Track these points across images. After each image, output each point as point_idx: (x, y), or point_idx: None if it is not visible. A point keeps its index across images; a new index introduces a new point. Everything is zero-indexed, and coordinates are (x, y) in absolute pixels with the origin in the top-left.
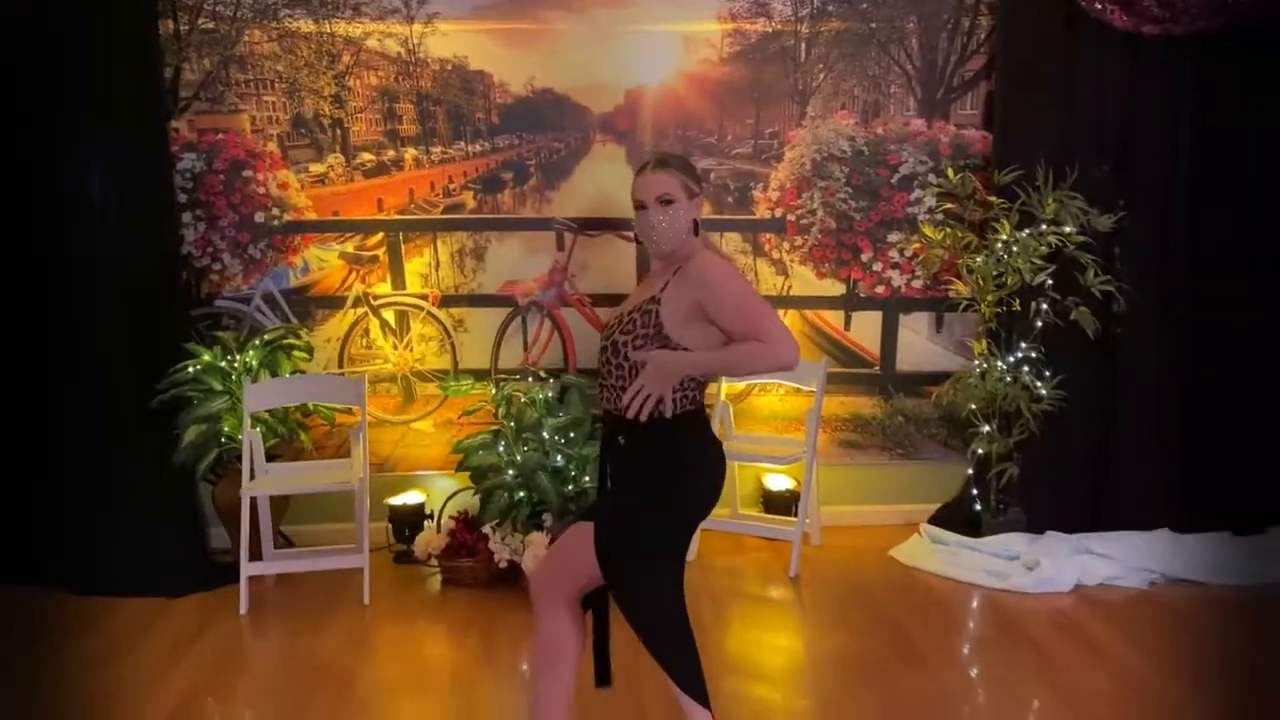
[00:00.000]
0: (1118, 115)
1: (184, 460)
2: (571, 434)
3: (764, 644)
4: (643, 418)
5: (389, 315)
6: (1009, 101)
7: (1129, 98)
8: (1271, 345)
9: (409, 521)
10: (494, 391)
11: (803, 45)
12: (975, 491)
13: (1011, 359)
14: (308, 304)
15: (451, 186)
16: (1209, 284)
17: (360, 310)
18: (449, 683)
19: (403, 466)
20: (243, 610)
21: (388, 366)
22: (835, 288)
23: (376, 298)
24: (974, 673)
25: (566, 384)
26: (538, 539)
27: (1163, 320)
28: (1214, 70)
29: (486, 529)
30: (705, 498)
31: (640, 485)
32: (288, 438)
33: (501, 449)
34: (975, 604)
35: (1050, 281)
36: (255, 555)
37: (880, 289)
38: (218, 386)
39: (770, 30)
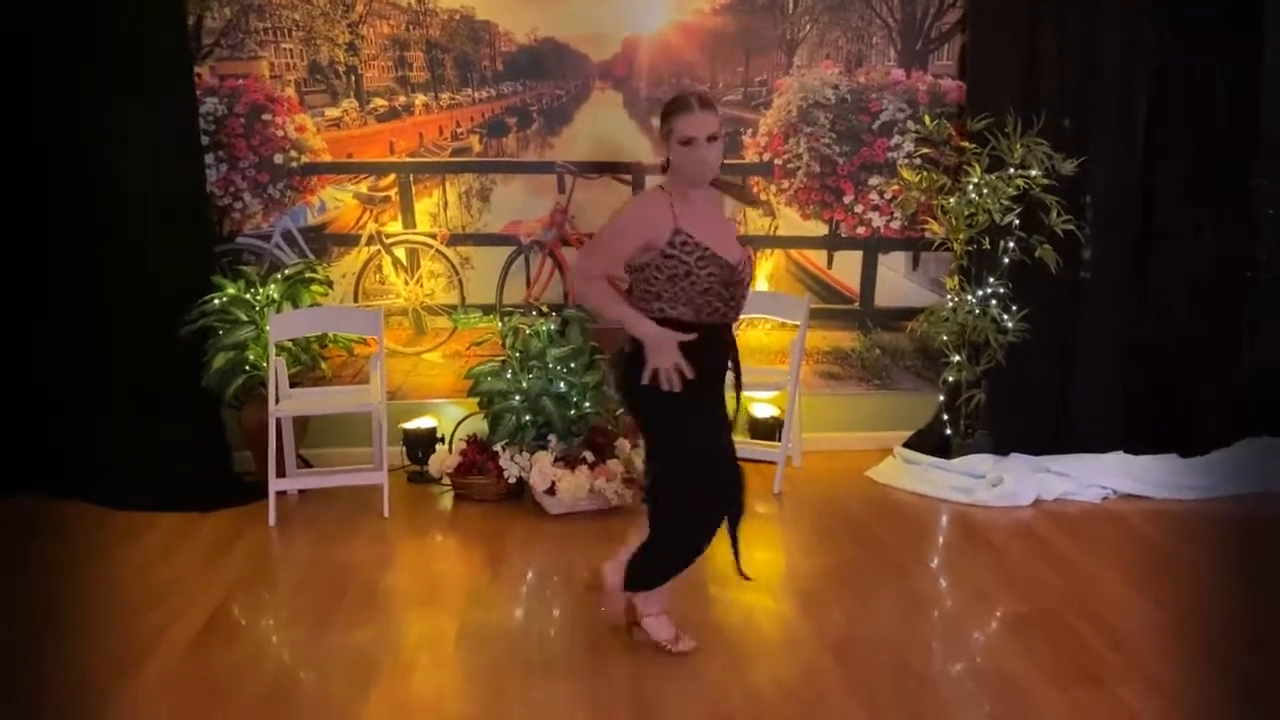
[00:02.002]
0: (1079, 65)
1: (212, 385)
2: (573, 363)
3: (752, 557)
4: (677, 387)
5: (400, 253)
6: (981, 53)
7: (1091, 48)
8: (1216, 287)
9: (422, 444)
10: (500, 324)
11: None
12: (946, 417)
13: (981, 294)
14: (324, 241)
15: (459, 131)
16: (1163, 225)
17: (373, 248)
18: (464, 588)
19: (414, 395)
20: (271, 522)
21: (399, 301)
22: (819, 228)
23: (389, 236)
24: (942, 576)
25: (567, 318)
26: (543, 457)
27: (1120, 259)
28: (1170, 20)
29: (497, 448)
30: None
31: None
32: (309, 364)
33: (509, 376)
34: (944, 518)
35: (1017, 222)
36: (280, 474)
37: (861, 229)
38: (243, 317)
39: None
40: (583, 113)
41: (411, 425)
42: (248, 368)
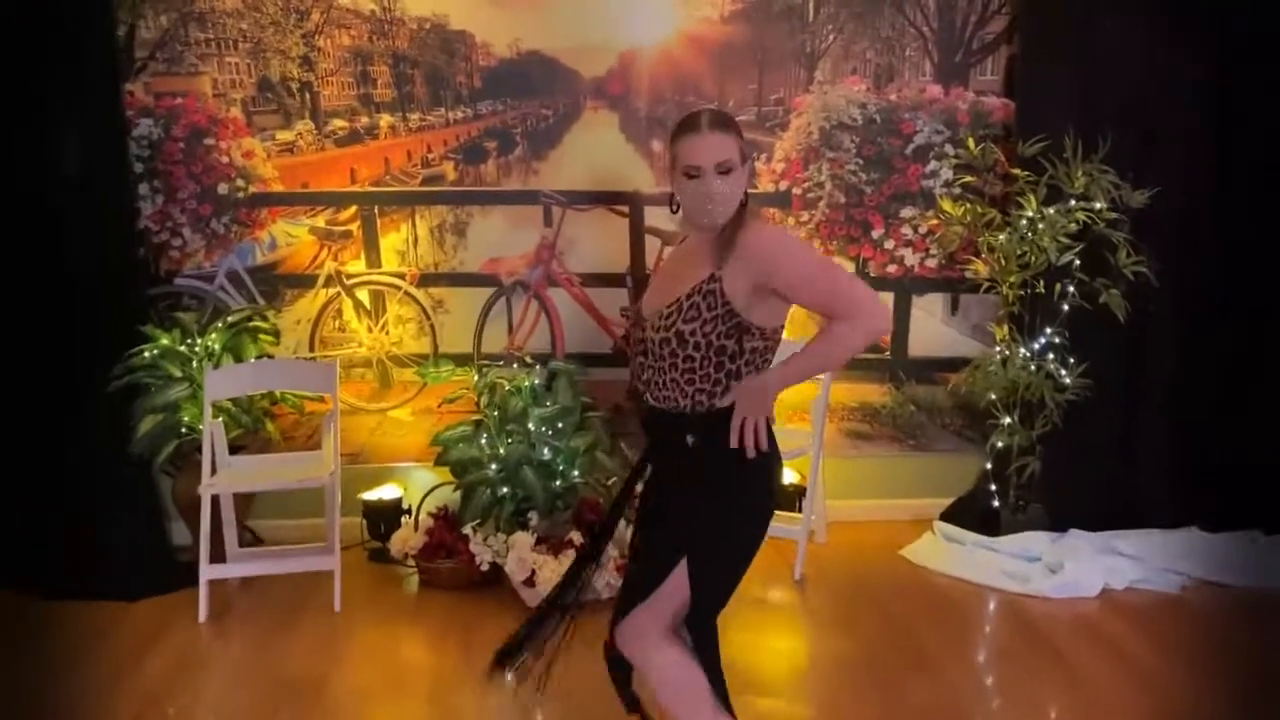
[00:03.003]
0: (1149, 80)
1: (140, 452)
2: (560, 424)
3: (766, 649)
4: (762, 447)
5: (363, 295)
6: (1031, 66)
7: (1162, 61)
8: None
9: (385, 518)
10: (476, 378)
11: (811, 3)
12: (993, 487)
13: (1036, 345)
14: (275, 283)
15: (430, 156)
16: (1244, 266)
17: (332, 290)
18: (426, 693)
19: (378, 458)
20: (202, 617)
21: (362, 350)
22: (845, 266)
23: (350, 276)
24: (990, 682)
25: (554, 370)
26: (522, 540)
27: (1193, 304)
28: (1260, 29)
29: (467, 529)
30: (779, 486)
31: (722, 482)
32: (252, 428)
33: (484, 441)
34: (992, 608)
35: (1078, 262)
36: (217, 555)
37: (892, 268)
38: (176, 373)
39: None
40: (573, 135)
41: (373, 495)
42: (183, 430)
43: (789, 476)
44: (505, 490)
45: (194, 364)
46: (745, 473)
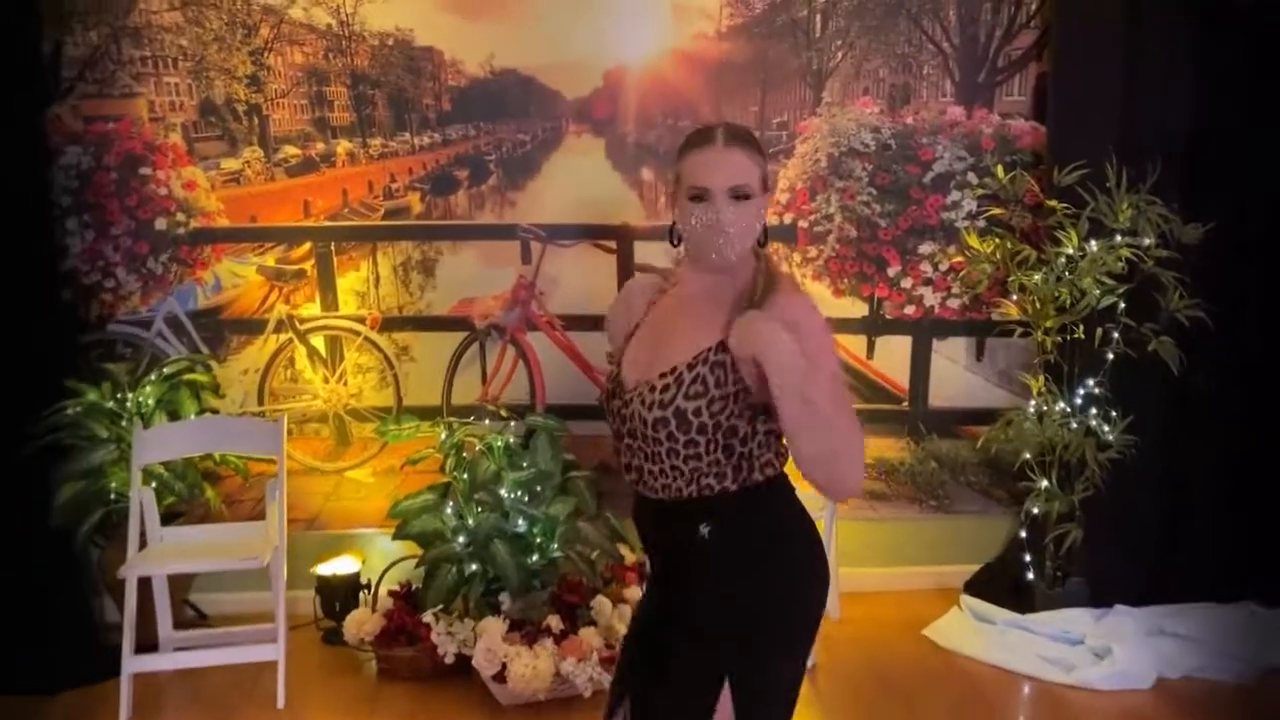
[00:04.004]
0: (1201, 100)
1: (61, 523)
2: (538, 488)
3: None
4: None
5: (318, 342)
6: (1066, 84)
7: (1217, 78)
8: None
9: (340, 594)
10: (443, 436)
11: (818, 16)
12: (1027, 558)
13: (1078, 399)
14: (220, 329)
15: (394, 186)
16: None
17: (284, 336)
18: None
19: (336, 524)
20: (124, 717)
21: (317, 404)
22: (856, 307)
23: (303, 321)
24: None
25: (533, 426)
26: (492, 627)
27: (1253, 353)
28: None
29: (428, 617)
30: (825, 582)
31: (752, 575)
32: (186, 496)
33: (450, 510)
34: (1031, 700)
35: (1123, 305)
36: (148, 638)
37: (910, 309)
38: (102, 433)
39: None
40: (553, 163)
41: (327, 569)
42: (112, 496)
43: None
44: (474, 567)
45: (124, 422)
46: (781, 552)
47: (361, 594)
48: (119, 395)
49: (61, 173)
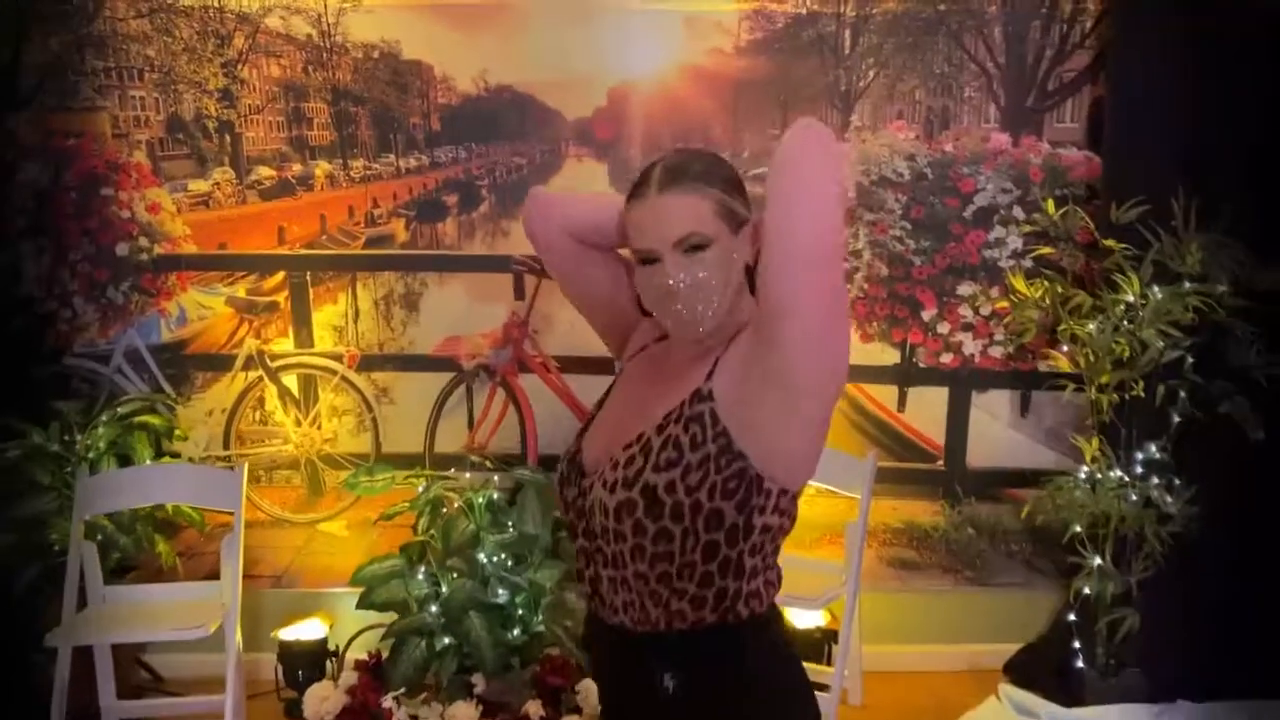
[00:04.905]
0: (1277, 129)
1: None
2: (522, 553)
3: None
4: None
5: (291, 381)
6: (1126, 110)
7: None
8: None
9: (304, 662)
10: (419, 491)
11: (847, 32)
12: (1077, 644)
13: (1137, 466)
14: (184, 364)
15: (377, 213)
16: None
17: (253, 374)
18: None
19: (305, 581)
20: None
21: (288, 449)
22: (886, 354)
23: (275, 357)
24: None
25: (521, 481)
26: (464, 712)
27: None
28: None
29: (388, 701)
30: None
31: None
32: (132, 552)
33: (420, 577)
34: None
35: (1190, 360)
36: (89, 707)
37: (947, 357)
38: (43, 479)
39: (804, 11)
40: (552, 188)
41: (291, 634)
42: (55, 549)
43: (816, 619)
44: (447, 640)
45: (71, 466)
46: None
47: (328, 662)
48: (66, 437)
49: (17, 191)
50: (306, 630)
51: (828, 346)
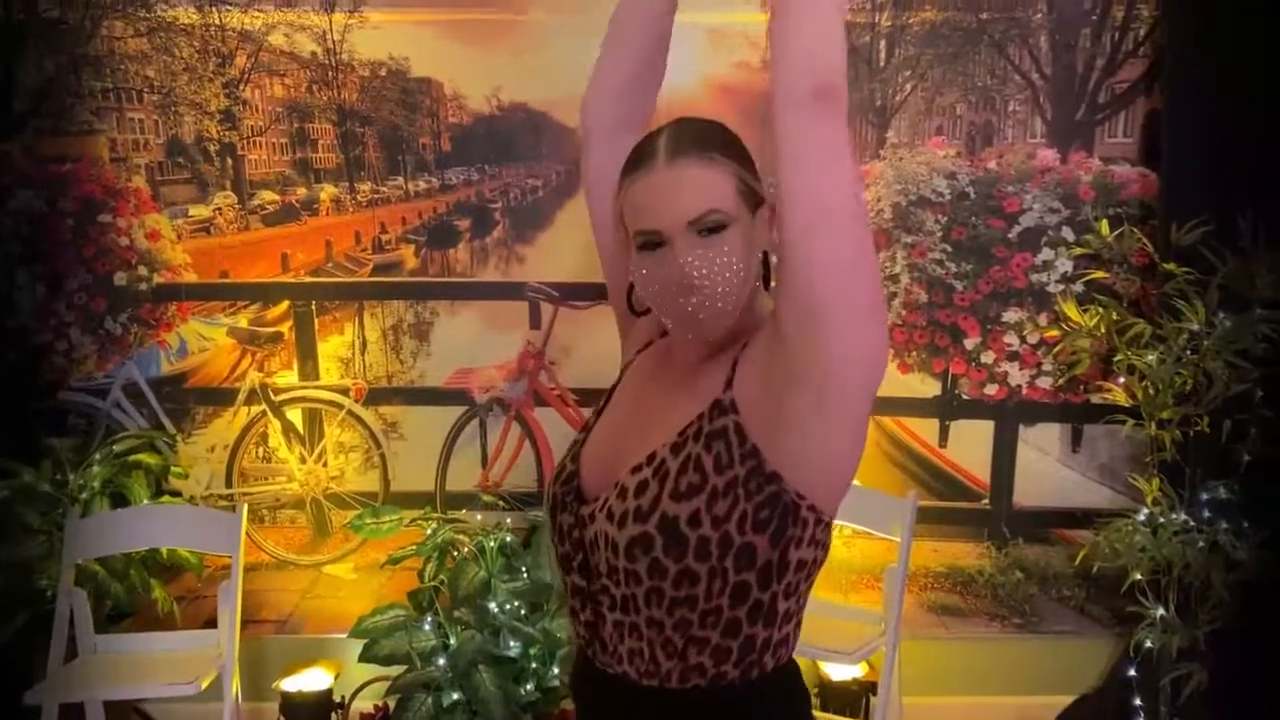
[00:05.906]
0: None
1: None
2: (536, 601)
3: None
4: None
5: (295, 416)
6: (1184, 123)
7: None
8: None
9: (308, 713)
10: (427, 534)
11: (882, 43)
12: (1138, 701)
13: (1203, 508)
14: (185, 399)
15: (385, 238)
16: None
17: (256, 409)
18: None
19: (310, 626)
20: None
21: (293, 487)
22: (926, 386)
23: (278, 391)
24: None
25: (535, 523)
26: None
27: None
28: None
29: None
30: None
31: None
32: (124, 599)
33: (427, 628)
34: None
35: (1260, 393)
36: None
37: (991, 389)
38: (34, 522)
39: None
40: (568, 213)
41: (294, 684)
42: (47, 592)
43: (853, 671)
44: (456, 696)
45: (63, 508)
46: None
47: (333, 715)
48: (59, 476)
49: (11, 218)
50: (310, 680)
51: (867, 329)
